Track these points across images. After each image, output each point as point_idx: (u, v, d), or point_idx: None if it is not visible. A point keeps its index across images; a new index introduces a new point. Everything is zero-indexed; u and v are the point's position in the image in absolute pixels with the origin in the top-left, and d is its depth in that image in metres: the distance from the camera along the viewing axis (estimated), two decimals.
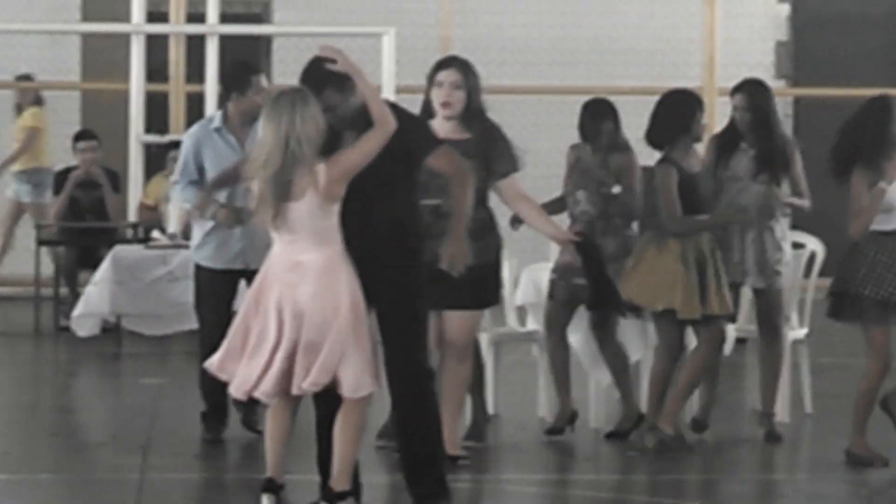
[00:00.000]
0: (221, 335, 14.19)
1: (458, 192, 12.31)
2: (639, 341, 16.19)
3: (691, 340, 15.59)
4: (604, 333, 15.71)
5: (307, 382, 11.44)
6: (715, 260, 15.20)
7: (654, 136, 15.49)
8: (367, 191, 11.62)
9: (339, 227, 11.55)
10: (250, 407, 13.22)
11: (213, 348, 14.13)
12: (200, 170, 15.07)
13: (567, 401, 15.80)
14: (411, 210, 12.13)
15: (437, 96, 13.95)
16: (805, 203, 16.43)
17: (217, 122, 15.31)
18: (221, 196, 14.80)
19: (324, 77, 11.75)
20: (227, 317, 15.09)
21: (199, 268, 15.52)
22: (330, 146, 11.57)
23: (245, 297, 12.06)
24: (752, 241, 15.73)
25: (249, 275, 15.12)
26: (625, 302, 14.91)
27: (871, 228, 14.30)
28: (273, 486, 11.92)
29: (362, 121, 11.70)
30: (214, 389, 15.13)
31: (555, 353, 15.92)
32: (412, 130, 12.30)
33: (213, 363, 11.84)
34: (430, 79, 14.11)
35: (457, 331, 13.99)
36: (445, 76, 13.94)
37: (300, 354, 11.46)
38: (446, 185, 12.86)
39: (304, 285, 11.55)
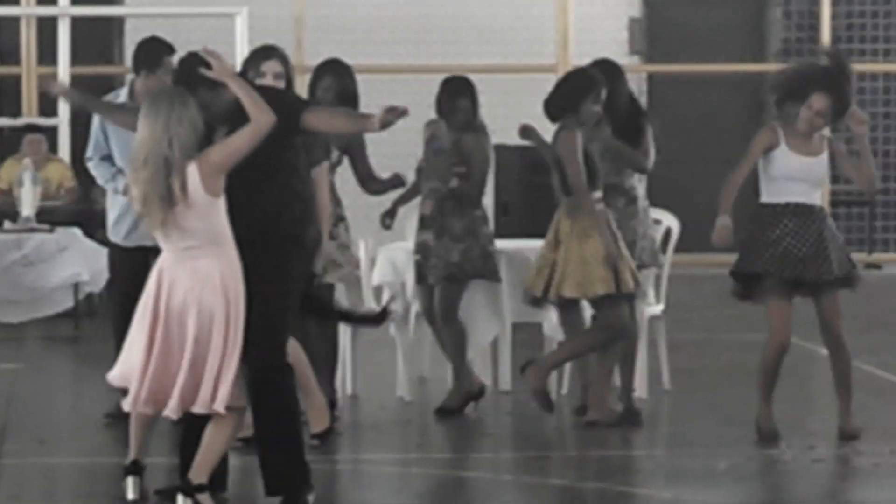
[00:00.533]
0: (129, 312, 14.61)
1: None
2: (495, 320, 16.30)
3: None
4: (447, 311, 15.89)
5: (215, 407, 11.47)
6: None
7: (549, 110, 15.59)
8: (245, 180, 11.69)
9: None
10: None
11: (124, 326, 14.53)
12: (106, 146, 15.01)
13: (468, 379, 15.93)
14: (290, 198, 12.17)
15: (268, 79, 14.05)
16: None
17: (122, 98, 15.22)
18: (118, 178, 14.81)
19: (196, 75, 11.85)
20: (137, 295, 15.34)
21: (113, 246, 15.51)
22: (205, 142, 11.60)
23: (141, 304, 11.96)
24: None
25: (158, 252, 15.28)
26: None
27: (769, 201, 14.43)
28: (136, 467, 11.99)
29: (236, 115, 11.80)
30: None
31: (443, 334, 16.08)
32: (281, 102, 12.40)
33: (115, 376, 11.86)
34: (255, 67, 14.15)
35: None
36: (269, 67, 14.03)
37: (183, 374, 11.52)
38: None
39: (206, 292, 11.54)
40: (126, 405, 11.71)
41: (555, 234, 15.24)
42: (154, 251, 14.86)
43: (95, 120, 15.21)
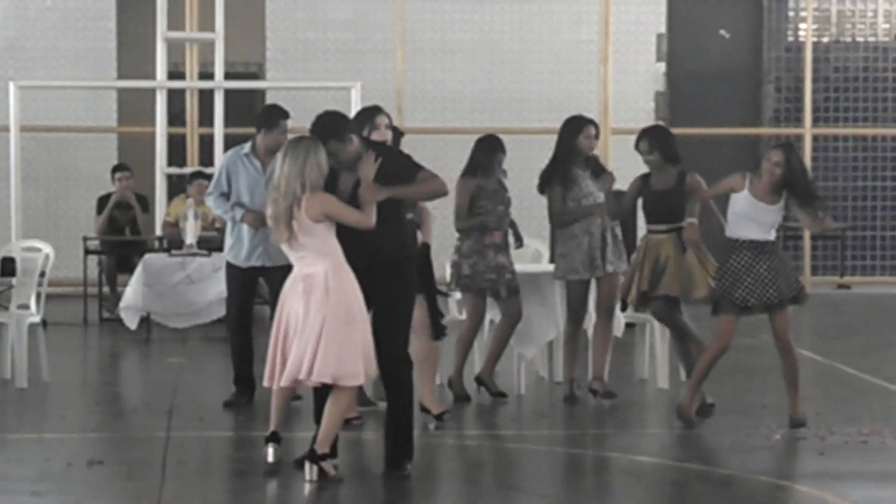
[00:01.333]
0: (242, 319, 15.56)
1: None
2: (552, 325, 16.27)
3: None
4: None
5: (317, 376, 11.75)
6: None
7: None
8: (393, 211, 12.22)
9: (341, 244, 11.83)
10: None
11: (237, 329, 15.79)
12: (229, 185, 15.18)
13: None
14: (404, 230, 12.53)
15: (376, 134, 14.20)
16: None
17: (246, 150, 15.43)
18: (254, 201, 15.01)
19: (328, 130, 12.09)
20: (248, 306, 15.51)
21: (230, 266, 15.62)
22: (330, 181, 11.91)
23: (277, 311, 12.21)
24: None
25: (267, 271, 15.43)
26: None
27: (729, 236, 14.46)
28: (275, 437, 12.13)
29: (355, 165, 12.13)
30: (242, 363, 15.48)
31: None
32: (400, 163, 12.59)
33: (265, 380, 12.22)
34: (371, 120, 14.34)
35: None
36: (381, 120, 14.24)
37: (305, 345, 11.68)
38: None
39: (314, 294, 11.73)
40: (264, 381, 12.16)
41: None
42: (264, 270, 15.12)
43: (222, 164, 15.78)
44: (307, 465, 11.80)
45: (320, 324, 11.69)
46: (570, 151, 15.88)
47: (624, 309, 15.94)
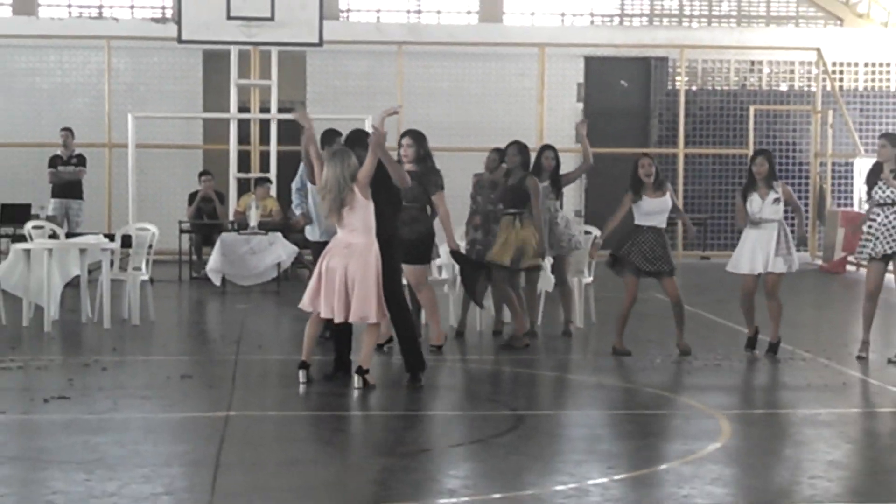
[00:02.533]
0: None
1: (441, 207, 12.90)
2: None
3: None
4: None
5: (354, 317, 12.03)
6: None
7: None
8: (387, 207, 12.47)
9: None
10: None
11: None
12: (303, 184, 15.15)
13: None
14: (391, 220, 12.60)
15: (403, 151, 14.20)
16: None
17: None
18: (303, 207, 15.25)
19: (356, 141, 12.55)
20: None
21: (311, 242, 15.42)
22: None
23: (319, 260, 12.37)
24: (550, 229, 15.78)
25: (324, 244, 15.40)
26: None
27: (635, 223, 14.40)
28: (305, 365, 12.14)
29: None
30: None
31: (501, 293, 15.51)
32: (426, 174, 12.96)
33: (303, 303, 12.37)
34: (399, 141, 14.37)
35: (411, 276, 14.11)
36: (407, 141, 14.18)
37: (347, 295, 11.86)
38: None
39: (353, 258, 11.83)
40: (306, 307, 12.34)
41: None
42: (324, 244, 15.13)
43: (299, 171, 15.45)
44: (355, 377, 12.11)
45: (353, 282, 11.88)
46: (537, 167, 15.85)
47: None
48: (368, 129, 14.45)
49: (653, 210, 14.30)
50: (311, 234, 15.07)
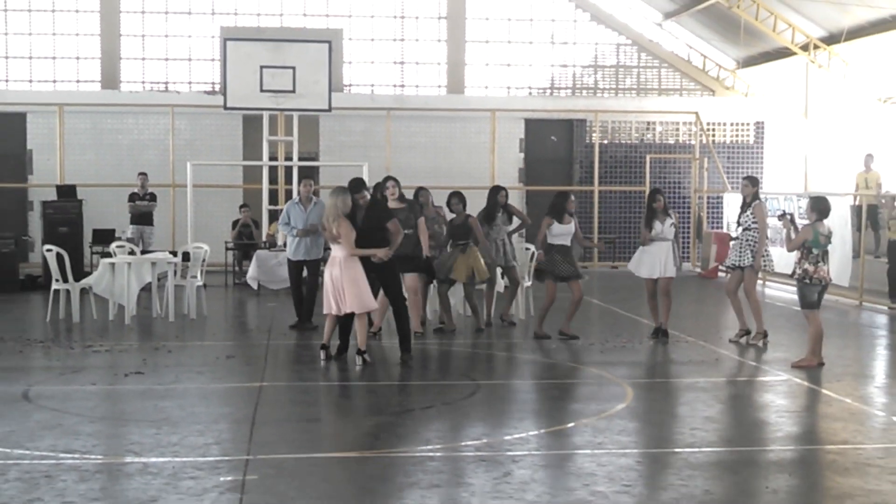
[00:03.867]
0: (296, 285, 15.31)
1: (396, 236, 12.62)
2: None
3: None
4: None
5: (347, 308, 12.04)
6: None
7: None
8: (370, 233, 12.38)
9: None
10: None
11: (295, 290, 15.45)
12: (289, 218, 15.02)
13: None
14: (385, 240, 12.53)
15: (388, 192, 14.09)
16: (522, 229, 16.62)
17: (297, 199, 15.32)
18: (300, 226, 14.93)
19: (355, 188, 12.71)
20: (299, 278, 15.29)
21: (289, 260, 15.42)
22: (352, 214, 12.31)
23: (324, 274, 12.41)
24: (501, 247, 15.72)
25: (307, 263, 15.27)
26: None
27: (550, 242, 14.43)
28: (325, 347, 12.17)
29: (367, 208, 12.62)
30: (297, 306, 15.46)
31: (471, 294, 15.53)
32: (385, 210, 12.76)
33: (325, 309, 12.39)
34: (384, 184, 14.27)
35: (410, 282, 14.08)
36: (391, 184, 14.11)
37: (340, 294, 11.82)
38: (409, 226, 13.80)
39: (335, 266, 11.91)
40: (324, 310, 12.31)
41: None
42: (305, 262, 14.98)
43: (286, 207, 15.41)
44: (356, 357, 12.14)
45: (339, 284, 11.92)
46: (493, 203, 15.83)
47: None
48: (365, 173, 14.62)
49: (564, 233, 14.45)
50: (290, 252, 15.25)
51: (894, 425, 9.47)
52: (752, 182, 14.57)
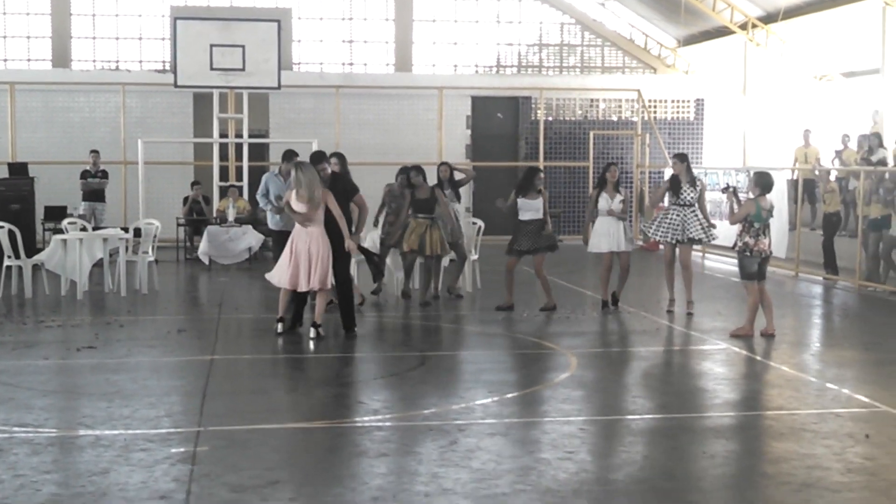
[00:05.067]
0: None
1: (364, 211, 12.61)
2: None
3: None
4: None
5: (315, 285, 11.98)
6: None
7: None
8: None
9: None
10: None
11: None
12: (267, 191, 14.79)
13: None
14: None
15: (332, 166, 14.03)
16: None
17: (276, 172, 15.04)
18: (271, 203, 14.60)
19: (318, 159, 12.49)
20: (282, 248, 15.26)
21: (272, 231, 15.08)
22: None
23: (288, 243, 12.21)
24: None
25: (287, 233, 15.21)
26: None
27: (521, 218, 14.43)
28: (282, 319, 12.10)
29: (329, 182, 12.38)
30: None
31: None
32: (348, 184, 12.64)
33: (271, 276, 12.32)
34: (327, 159, 14.20)
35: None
36: (333, 160, 14.03)
37: (310, 269, 11.79)
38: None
39: (312, 242, 11.80)
40: (276, 283, 12.19)
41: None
42: (288, 232, 14.97)
43: (265, 178, 14.90)
44: (311, 329, 12.04)
45: (314, 259, 11.81)
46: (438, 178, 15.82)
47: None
48: (314, 149, 14.53)
49: (531, 208, 14.45)
50: (272, 223, 14.95)
51: (828, 391, 9.58)
52: (682, 158, 14.69)
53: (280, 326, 12.36)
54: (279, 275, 12.22)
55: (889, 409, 8.80)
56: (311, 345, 11.81)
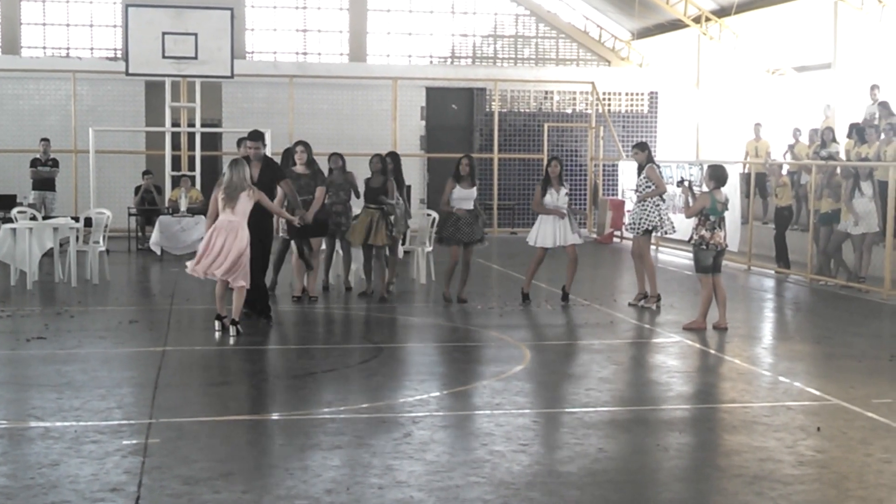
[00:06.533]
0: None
1: (291, 194, 12.64)
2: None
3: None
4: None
5: (232, 280, 11.78)
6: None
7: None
8: (265, 214, 12.31)
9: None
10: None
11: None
12: None
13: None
14: (268, 219, 12.53)
15: (297, 157, 14.02)
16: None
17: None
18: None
19: (252, 136, 12.73)
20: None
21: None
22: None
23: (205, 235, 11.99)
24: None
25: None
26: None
27: (454, 206, 14.42)
28: (219, 317, 11.94)
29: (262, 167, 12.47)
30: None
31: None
32: (277, 171, 12.56)
33: (189, 267, 12.00)
34: (293, 149, 14.20)
35: (315, 246, 14.09)
36: (300, 148, 14.02)
37: (227, 263, 11.58)
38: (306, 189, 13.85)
39: (235, 236, 11.64)
40: (191, 271, 11.92)
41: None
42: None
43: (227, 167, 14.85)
44: (230, 327, 11.79)
45: (236, 254, 11.65)
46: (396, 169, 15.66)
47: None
48: (267, 140, 14.49)
49: (465, 197, 14.42)
50: None
51: (780, 385, 9.66)
52: (642, 147, 14.73)
53: (217, 325, 11.99)
54: (192, 264, 11.96)
55: (840, 402, 8.88)
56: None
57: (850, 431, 7.97)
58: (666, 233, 14.62)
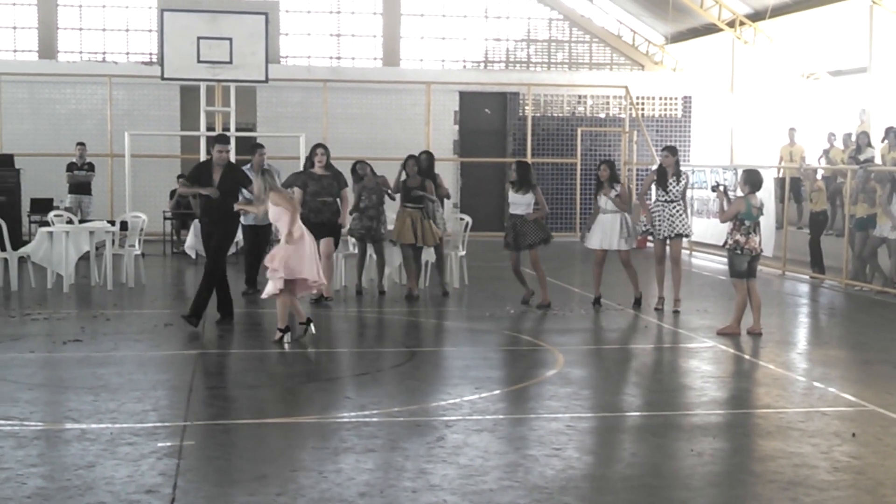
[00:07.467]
0: (249, 254, 15.47)
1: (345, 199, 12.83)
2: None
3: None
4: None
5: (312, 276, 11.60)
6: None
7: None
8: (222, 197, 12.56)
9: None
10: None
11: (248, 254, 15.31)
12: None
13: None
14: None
15: (317, 158, 14.06)
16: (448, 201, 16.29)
17: (248, 166, 15.08)
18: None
19: (219, 139, 13.08)
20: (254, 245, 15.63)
21: (242, 226, 15.19)
22: (208, 170, 12.75)
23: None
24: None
25: (259, 228, 15.11)
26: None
27: (510, 212, 14.49)
28: (285, 329, 11.75)
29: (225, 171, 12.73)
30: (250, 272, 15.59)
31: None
32: (240, 174, 12.93)
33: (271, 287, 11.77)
34: (314, 150, 14.24)
35: (325, 247, 14.01)
36: (321, 150, 14.07)
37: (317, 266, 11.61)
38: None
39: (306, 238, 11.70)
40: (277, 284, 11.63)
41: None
42: (260, 227, 14.85)
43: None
44: (309, 326, 11.65)
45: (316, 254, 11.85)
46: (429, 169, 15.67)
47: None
48: (302, 145, 14.49)
49: (520, 202, 14.47)
50: (244, 219, 14.97)
51: (814, 390, 9.61)
52: (672, 152, 14.68)
53: (287, 336, 11.58)
54: (274, 286, 11.49)
55: (875, 408, 8.82)
56: (295, 341, 11.74)
57: (886, 438, 7.91)
58: (666, 236, 14.56)
